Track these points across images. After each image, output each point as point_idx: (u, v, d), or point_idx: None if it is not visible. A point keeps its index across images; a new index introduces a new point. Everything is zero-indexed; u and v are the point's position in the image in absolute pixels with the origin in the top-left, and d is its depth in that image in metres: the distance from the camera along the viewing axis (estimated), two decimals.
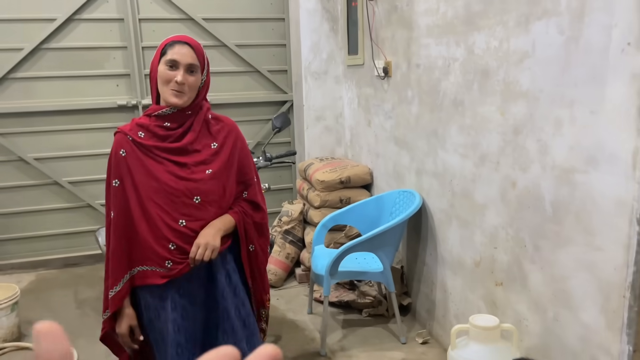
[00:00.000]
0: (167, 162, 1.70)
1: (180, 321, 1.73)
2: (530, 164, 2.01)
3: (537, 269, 2.04)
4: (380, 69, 3.27)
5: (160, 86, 1.68)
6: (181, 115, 1.70)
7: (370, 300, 3.23)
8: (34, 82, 3.86)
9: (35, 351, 0.28)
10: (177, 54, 1.65)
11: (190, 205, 1.71)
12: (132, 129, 1.71)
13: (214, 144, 1.76)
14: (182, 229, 1.70)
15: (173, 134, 1.71)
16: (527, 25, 1.95)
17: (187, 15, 4.02)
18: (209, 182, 1.73)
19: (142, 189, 1.68)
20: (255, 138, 4.37)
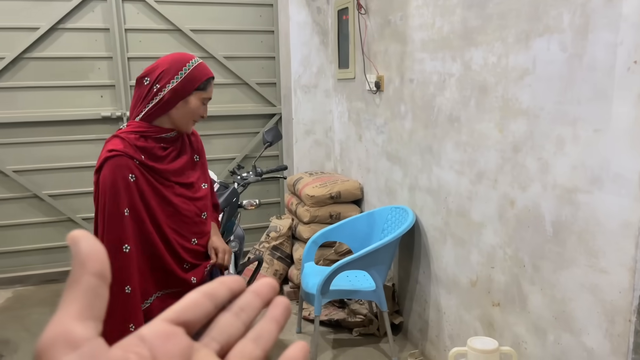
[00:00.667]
0: (175, 185, 1.69)
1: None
2: (530, 183, 1.97)
3: (537, 290, 1.99)
4: (372, 83, 3.23)
5: (185, 114, 1.66)
6: (178, 137, 1.74)
7: (361, 319, 3.16)
8: (14, 92, 3.73)
9: (73, 255, 0.27)
10: (211, 93, 1.71)
11: (199, 222, 1.76)
12: (136, 152, 1.60)
13: (196, 157, 1.81)
14: (195, 247, 1.74)
15: (170, 155, 1.69)
16: (527, 41, 1.92)
17: (174, 26, 3.94)
18: (207, 196, 1.79)
19: (157, 214, 1.62)
20: (243, 151, 4.29)
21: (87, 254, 0.28)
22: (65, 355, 0.25)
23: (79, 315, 0.26)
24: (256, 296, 0.34)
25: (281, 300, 0.35)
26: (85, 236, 0.28)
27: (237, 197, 2.59)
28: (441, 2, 2.46)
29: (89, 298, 0.27)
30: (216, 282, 0.33)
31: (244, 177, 2.79)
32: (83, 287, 0.27)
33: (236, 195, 2.59)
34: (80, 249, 0.28)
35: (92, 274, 0.27)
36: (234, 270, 2.52)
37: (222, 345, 0.31)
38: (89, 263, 0.27)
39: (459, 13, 2.33)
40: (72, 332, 0.26)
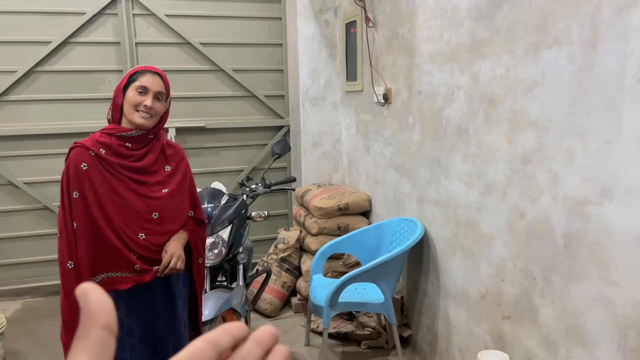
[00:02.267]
0: (128, 179, 1.82)
1: (135, 328, 1.88)
2: (540, 195, 1.96)
3: (548, 303, 1.97)
4: (380, 96, 3.24)
5: (127, 109, 1.79)
6: (144, 138, 1.84)
7: (370, 332, 3.14)
8: (26, 104, 3.78)
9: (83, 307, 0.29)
10: (149, 82, 1.80)
11: (149, 220, 1.86)
12: (94, 145, 1.80)
13: (167, 167, 1.93)
14: (142, 242, 1.84)
15: (135, 154, 1.84)
16: (536, 53, 1.92)
17: (184, 39, 3.99)
18: (166, 200, 1.89)
19: (105, 202, 1.78)
20: (251, 163, 4.30)
21: (96, 307, 0.29)
22: None
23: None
24: (257, 345, 0.35)
25: (280, 350, 0.36)
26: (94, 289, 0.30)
27: (245, 209, 2.60)
28: (449, 14, 2.48)
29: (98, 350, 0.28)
30: (220, 329, 0.34)
31: (253, 188, 2.80)
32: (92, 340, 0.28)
33: (245, 207, 2.59)
34: (89, 302, 0.29)
35: (100, 327, 0.29)
36: (242, 282, 2.51)
37: None
38: (97, 316, 0.29)
39: (467, 25, 2.34)
40: None
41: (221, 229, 2.44)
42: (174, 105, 4.03)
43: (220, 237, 2.43)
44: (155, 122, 1.84)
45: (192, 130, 4.12)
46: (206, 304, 2.29)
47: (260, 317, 3.55)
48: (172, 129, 4.00)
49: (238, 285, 2.48)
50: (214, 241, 2.41)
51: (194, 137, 4.15)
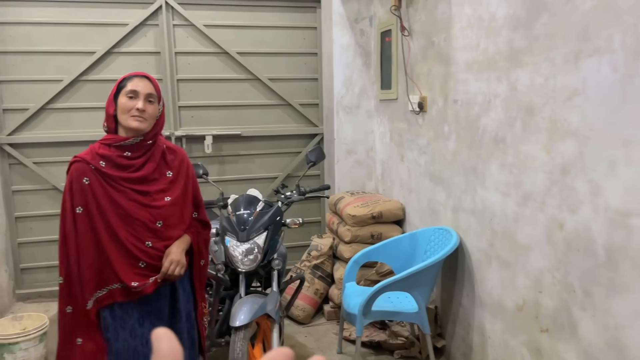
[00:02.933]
0: (130, 190, 1.84)
1: (148, 335, 1.89)
2: (580, 206, 1.93)
3: (588, 317, 1.92)
4: (415, 104, 3.24)
5: (121, 115, 1.82)
6: (142, 145, 1.85)
7: (403, 341, 3.12)
8: (71, 112, 3.93)
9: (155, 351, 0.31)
10: (137, 86, 1.82)
11: (154, 229, 1.88)
12: (94, 158, 1.81)
13: (169, 173, 1.93)
14: (149, 249, 1.86)
15: (134, 164, 1.85)
16: (576, 62, 1.89)
17: (221, 49, 4.08)
18: (169, 209, 1.91)
19: (109, 216, 1.80)
20: (285, 170, 4.35)
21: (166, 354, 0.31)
22: None
23: None
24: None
25: None
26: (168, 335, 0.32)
27: (281, 216, 2.63)
28: (486, 23, 2.47)
29: None
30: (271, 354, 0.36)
31: (288, 196, 2.83)
32: None
33: (280, 213, 2.63)
34: (161, 347, 0.31)
35: None
36: (277, 288, 2.54)
37: None
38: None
39: (504, 34, 2.33)
40: None
41: (257, 235, 2.48)
42: (211, 113, 4.15)
43: (256, 243, 2.46)
44: (150, 126, 1.85)
45: (229, 137, 4.20)
46: (241, 309, 2.32)
47: (292, 324, 3.57)
48: (209, 136, 4.09)
49: (272, 291, 2.51)
50: (249, 247, 2.45)
51: (230, 145, 4.23)
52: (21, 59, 3.80)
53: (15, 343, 2.78)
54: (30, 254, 4.02)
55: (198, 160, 4.00)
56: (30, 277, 4.05)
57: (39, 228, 3.99)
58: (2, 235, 3.80)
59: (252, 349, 2.44)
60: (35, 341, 2.83)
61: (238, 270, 2.46)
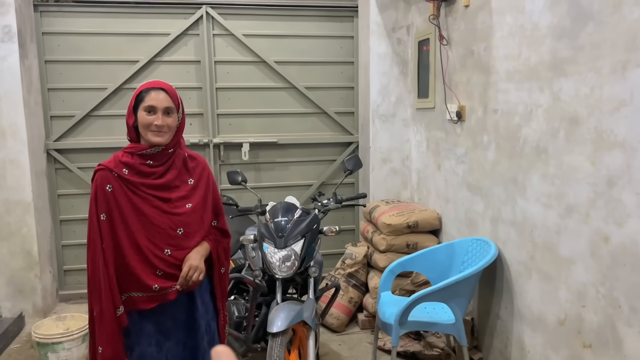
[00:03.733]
0: (152, 197, 1.85)
1: (164, 342, 1.90)
2: (627, 219, 1.88)
3: (635, 333, 1.87)
4: (453, 113, 3.22)
5: (141, 129, 1.84)
6: (163, 154, 1.87)
7: (438, 353, 3.08)
8: (114, 119, 4.05)
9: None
10: (154, 100, 1.81)
11: (174, 236, 1.88)
12: (117, 166, 1.84)
13: (190, 180, 1.95)
14: (168, 258, 1.87)
15: (156, 171, 1.87)
16: (624, 72, 1.86)
17: (260, 58, 4.15)
18: (191, 216, 1.92)
19: (131, 222, 1.83)
20: (320, 178, 4.37)
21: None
22: None
23: None
24: None
25: None
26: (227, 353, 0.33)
27: (318, 223, 2.65)
28: (529, 32, 2.44)
29: None
30: None
31: (325, 203, 2.85)
32: None
33: (317, 221, 2.64)
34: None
35: None
36: (313, 295, 2.56)
37: None
38: None
39: (547, 43, 2.30)
40: None
41: (294, 242, 2.50)
42: (248, 120, 4.22)
43: (293, 250, 2.48)
44: (171, 137, 1.85)
45: (265, 145, 4.25)
46: (278, 315, 2.34)
47: (327, 332, 3.57)
48: (247, 143, 4.15)
49: (309, 298, 2.53)
50: (287, 254, 2.47)
51: (266, 152, 4.28)
52: (68, 68, 3.95)
53: (58, 343, 2.88)
54: (73, 256, 4.16)
55: (235, 167, 4.07)
56: (73, 279, 4.18)
57: (81, 231, 4.11)
58: (47, 238, 3.93)
59: (289, 355, 2.46)
60: (77, 341, 2.92)
61: (275, 276, 2.48)
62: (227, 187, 4.14)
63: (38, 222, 3.72)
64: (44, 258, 3.82)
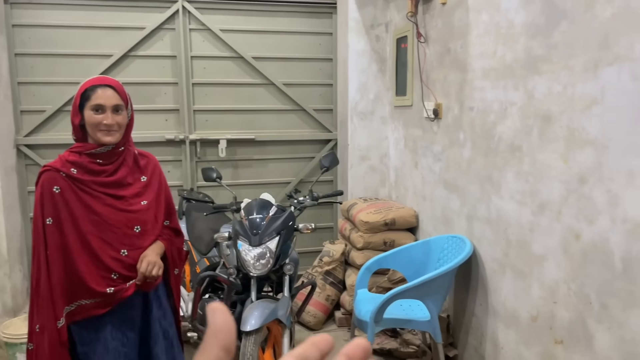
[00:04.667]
0: (104, 195, 1.78)
1: (121, 348, 1.83)
2: (598, 216, 1.89)
3: (605, 329, 1.89)
4: (430, 111, 3.23)
5: (89, 129, 1.75)
6: (113, 153, 1.80)
7: (414, 350, 3.09)
8: None
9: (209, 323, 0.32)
10: (102, 98, 1.72)
11: (131, 235, 1.82)
12: (64, 166, 1.74)
13: (143, 178, 1.89)
14: (124, 258, 1.80)
15: (107, 169, 1.80)
16: (595, 70, 1.87)
17: (237, 53, 4.10)
18: (146, 213, 1.86)
19: (82, 223, 1.73)
20: (298, 176, 4.35)
21: (221, 327, 0.32)
22: None
23: None
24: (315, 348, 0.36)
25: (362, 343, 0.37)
26: (223, 310, 0.33)
27: (293, 221, 2.62)
28: (504, 30, 2.45)
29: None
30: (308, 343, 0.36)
31: (301, 201, 2.82)
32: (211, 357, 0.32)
33: (293, 218, 2.62)
34: (216, 320, 0.32)
35: (220, 347, 0.32)
36: (288, 293, 2.53)
37: None
38: (220, 335, 0.32)
39: (522, 42, 2.31)
40: None
41: (269, 240, 2.47)
42: (225, 117, 4.17)
43: (268, 247, 2.46)
44: (121, 135, 1.79)
45: (242, 142, 4.21)
46: (252, 313, 2.31)
47: (303, 329, 3.55)
48: (224, 140, 4.10)
49: (284, 296, 2.50)
50: (261, 252, 2.45)
51: (244, 149, 4.24)
52: (39, 61, 3.85)
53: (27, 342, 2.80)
54: None
55: (212, 164, 4.02)
56: None
57: None
58: (17, 236, 3.84)
59: (263, 354, 2.43)
60: None
61: (250, 274, 2.46)
62: (203, 185, 4.09)
63: (7, 219, 3.62)
64: (13, 256, 3.72)
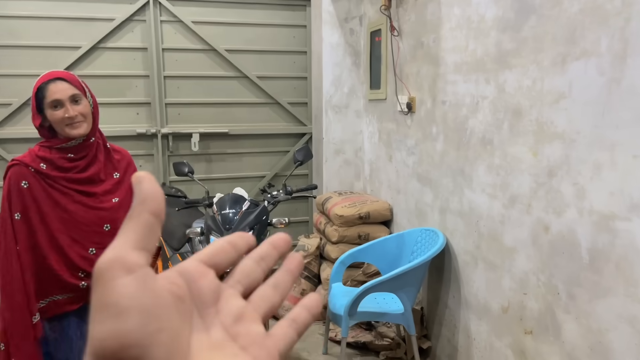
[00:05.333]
0: (74, 192, 1.74)
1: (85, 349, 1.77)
2: (566, 208, 1.92)
3: (572, 319, 1.93)
4: (403, 104, 3.23)
5: (56, 127, 1.70)
6: (84, 145, 1.75)
7: (389, 342, 3.11)
8: None
9: (135, 192, 0.31)
10: (56, 93, 1.67)
11: (100, 233, 1.77)
12: (34, 161, 1.70)
13: (116, 174, 1.85)
14: (93, 257, 1.76)
15: (78, 165, 1.75)
16: (563, 65, 1.89)
17: (210, 46, 4.04)
18: (118, 211, 1.81)
19: (50, 220, 1.69)
20: (273, 170, 4.33)
21: (148, 194, 0.31)
22: (121, 277, 0.28)
23: (135, 245, 0.30)
24: (273, 248, 0.38)
25: (295, 256, 0.39)
26: (148, 178, 0.31)
27: (267, 215, 2.60)
28: (475, 25, 2.46)
29: (145, 232, 0.30)
30: (235, 235, 0.37)
31: (274, 195, 2.81)
32: (141, 222, 0.30)
33: (266, 213, 2.60)
34: (143, 188, 0.31)
35: (150, 212, 0.31)
36: None
37: (245, 288, 0.36)
38: (148, 202, 0.31)
39: (493, 36, 2.32)
40: (129, 258, 0.29)
41: None
42: (198, 110, 4.11)
43: None
44: (89, 125, 1.73)
45: (216, 135, 4.16)
46: None
47: None
48: (196, 134, 4.05)
49: None
50: None
51: (217, 143, 4.20)
52: (4, 53, 3.73)
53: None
54: None
55: (184, 158, 3.97)
56: None
57: None
58: None
59: None
60: None
61: None
62: (175, 179, 4.03)
63: None
64: None
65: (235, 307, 0.34)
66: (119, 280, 0.28)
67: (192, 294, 0.32)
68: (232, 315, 0.33)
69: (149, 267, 0.29)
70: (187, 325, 0.30)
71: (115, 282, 0.28)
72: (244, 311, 0.34)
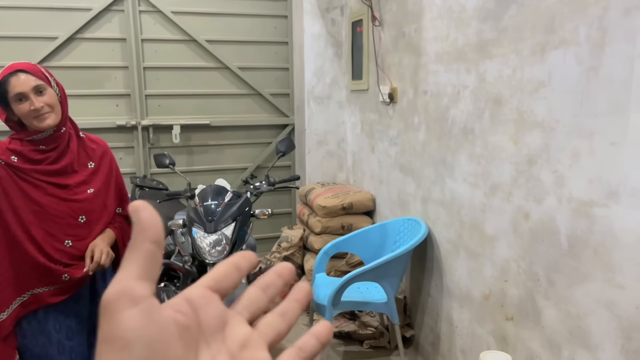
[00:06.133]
0: (47, 184, 1.70)
1: (66, 342, 1.78)
2: (545, 196, 1.95)
3: (552, 305, 1.96)
4: (385, 95, 3.24)
5: (24, 120, 1.66)
6: (56, 136, 1.71)
7: (372, 332, 3.13)
8: None
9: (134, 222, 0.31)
10: (18, 86, 1.62)
11: (75, 225, 1.75)
12: (4, 154, 1.67)
13: (90, 164, 1.81)
14: (69, 249, 1.74)
15: (50, 156, 1.71)
16: (542, 54, 1.91)
17: (190, 36, 3.99)
18: (92, 202, 1.78)
19: (23, 214, 1.66)
20: (255, 161, 4.31)
21: (147, 223, 0.31)
22: (127, 309, 0.28)
23: (139, 275, 0.30)
24: (279, 277, 0.38)
25: (304, 286, 0.39)
26: (146, 206, 0.32)
27: (249, 207, 2.59)
28: (456, 14, 2.47)
29: (147, 261, 0.30)
30: (238, 256, 0.37)
31: (257, 186, 2.79)
32: (143, 252, 0.31)
33: (249, 204, 2.59)
34: (141, 217, 0.31)
35: (151, 241, 0.31)
36: (245, 279, 2.51)
37: (251, 315, 0.36)
38: (148, 231, 0.31)
39: (474, 25, 2.33)
40: (134, 289, 0.29)
41: (225, 226, 2.44)
42: (179, 102, 4.07)
43: (224, 234, 2.42)
44: (58, 115, 1.69)
45: (197, 127, 4.13)
46: None
47: None
48: (177, 126, 4.01)
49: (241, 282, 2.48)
50: (217, 238, 2.41)
51: (199, 135, 4.16)
52: None
53: None
54: None
55: (166, 150, 3.93)
56: None
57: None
58: None
59: None
60: None
61: (206, 261, 2.42)
62: (156, 172, 3.99)
63: None
64: None
65: (241, 333, 0.34)
66: (124, 312, 0.28)
67: (199, 321, 0.32)
68: (239, 342, 0.34)
69: (153, 297, 0.30)
70: (192, 353, 0.31)
71: (120, 315, 0.28)
72: (250, 338, 0.34)
